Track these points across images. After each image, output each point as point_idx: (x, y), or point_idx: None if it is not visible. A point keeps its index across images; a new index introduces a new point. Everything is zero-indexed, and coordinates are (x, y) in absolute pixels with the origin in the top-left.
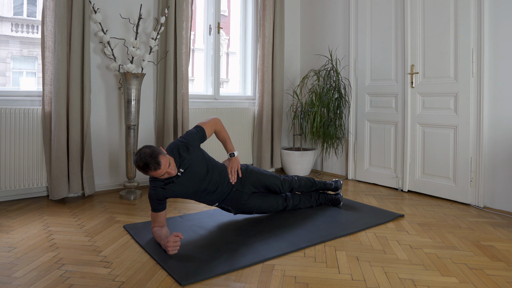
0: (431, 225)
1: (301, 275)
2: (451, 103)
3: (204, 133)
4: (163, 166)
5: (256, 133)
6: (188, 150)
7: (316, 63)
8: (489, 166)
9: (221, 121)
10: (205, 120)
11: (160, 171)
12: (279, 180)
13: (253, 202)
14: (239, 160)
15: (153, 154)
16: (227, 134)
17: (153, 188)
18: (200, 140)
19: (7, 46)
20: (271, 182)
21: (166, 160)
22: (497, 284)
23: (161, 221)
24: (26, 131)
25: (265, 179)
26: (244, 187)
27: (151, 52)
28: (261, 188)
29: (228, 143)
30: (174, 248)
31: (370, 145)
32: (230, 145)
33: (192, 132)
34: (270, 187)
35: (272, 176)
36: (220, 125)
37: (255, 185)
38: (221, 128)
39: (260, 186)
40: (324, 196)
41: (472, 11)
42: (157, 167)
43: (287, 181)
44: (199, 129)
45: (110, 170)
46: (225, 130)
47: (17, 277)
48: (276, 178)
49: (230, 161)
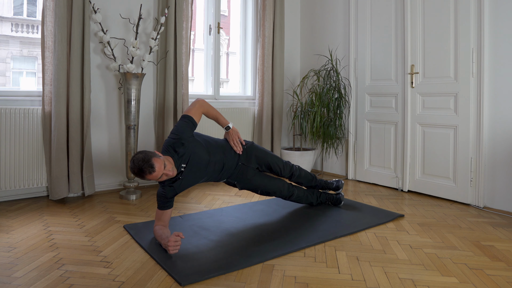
0: (431, 225)
1: (301, 275)
2: (451, 103)
3: (193, 120)
4: (158, 168)
5: (256, 133)
6: (183, 145)
7: (316, 63)
8: (489, 166)
9: (206, 101)
10: (190, 107)
11: (156, 174)
12: (282, 162)
13: (259, 179)
14: (236, 130)
15: (145, 158)
16: (216, 111)
17: (162, 187)
18: (191, 129)
19: (7, 46)
20: (273, 161)
21: (160, 162)
22: (497, 284)
23: (165, 220)
24: (26, 131)
25: (269, 157)
26: (250, 161)
27: (151, 52)
28: (263, 166)
29: (220, 119)
30: (175, 248)
31: (370, 145)
32: (223, 120)
33: (181, 124)
34: (272, 166)
35: (275, 156)
36: (206, 106)
37: (258, 161)
38: (208, 108)
39: (263, 163)
40: (325, 195)
41: (472, 11)
42: (151, 170)
43: (289, 166)
44: (187, 119)
45: (110, 170)
46: (213, 108)
47: (17, 277)
48: (279, 159)
49: (229, 134)
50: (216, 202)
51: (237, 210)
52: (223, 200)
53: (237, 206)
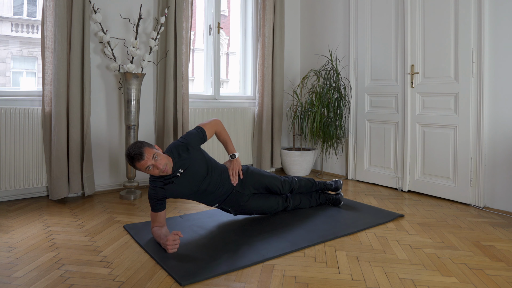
0: (431, 225)
1: (301, 275)
2: (451, 103)
3: (205, 134)
4: (146, 157)
5: (256, 133)
6: (188, 151)
7: (316, 63)
8: (489, 166)
9: (222, 122)
10: (206, 121)
11: (143, 162)
12: (280, 181)
13: (253, 203)
14: (240, 162)
15: (137, 145)
16: (228, 136)
17: (153, 188)
18: (200, 141)
19: (7, 46)
20: (272, 183)
21: (151, 152)
22: (497, 284)
23: (160, 221)
24: (26, 131)
25: (266, 180)
26: (245, 188)
27: (151, 52)
28: (261, 189)
29: (229, 145)
30: (174, 246)
31: (370, 145)
32: (231, 147)
33: (193, 133)
34: (271, 188)
35: (272, 177)
36: (221, 127)
37: (256, 186)
38: (222, 129)
39: (260, 187)
40: (325, 196)
41: (472, 11)
42: (140, 158)
43: (288, 182)
44: (200, 130)
45: (110, 170)
46: (226, 132)
47: (17, 277)
48: (276, 179)
49: (231, 162)
50: None
51: None
52: None
53: None
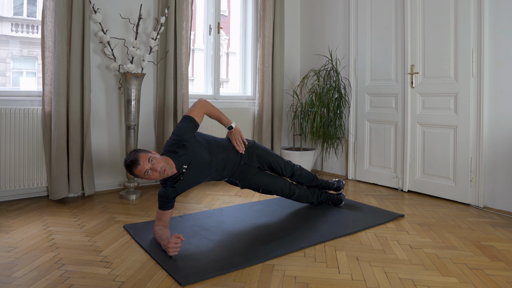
0: (431, 225)
1: (301, 275)
2: (451, 103)
3: (194, 121)
4: (142, 162)
5: (256, 133)
6: (184, 146)
7: (316, 63)
8: (489, 166)
9: (207, 101)
10: (192, 107)
11: (141, 168)
12: (283, 161)
13: (261, 178)
14: (239, 129)
15: (131, 153)
16: (219, 111)
17: (164, 188)
18: (192, 130)
19: (7, 46)
20: (275, 161)
21: (146, 157)
22: (497, 284)
23: (165, 220)
24: (26, 131)
25: (270, 156)
26: (251, 160)
27: (151, 52)
28: (265, 165)
29: (223, 119)
30: (175, 249)
31: (370, 145)
32: (226, 119)
33: (182, 125)
34: (273, 165)
35: (277, 155)
36: (209, 106)
37: (260, 160)
38: (210, 108)
39: (264, 162)
40: (326, 195)
41: (472, 11)
42: (136, 163)
43: (290, 165)
44: (189, 120)
45: (110, 170)
46: (215, 108)
47: (17, 277)
48: (280, 159)
49: (231, 133)
50: (216, 202)
51: (237, 210)
52: (223, 200)
53: (237, 206)
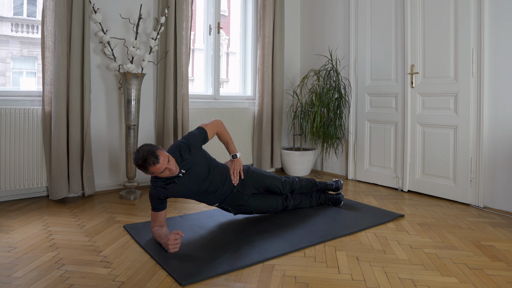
0: (431, 225)
1: (301, 275)
2: (451, 103)
3: (206, 134)
4: (162, 160)
5: (256, 133)
6: (190, 151)
7: (316, 63)
8: (489, 166)
9: (223, 123)
10: (207, 122)
11: (159, 166)
12: (280, 182)
13: (254, 202)
14: (241, 162)
15: (150, 149)
16: (229, 136)
17: (154, 188)
18: (202, 141)
19: (7, 46)
20: (272, 184)
21: (165, 155)
22: (497, 284)
23: (161, 221)
24: (26, 131)
25: (266, 180)
26: (245, 188)
27: (151, 52)
28: (261, 189)
29: (230, 145)
30: (175, 246)
31: (370, 145)
32: (233, 147)
33: (194, 133)
34: (271, 188)
35: (273, 177)
36: (222, 127)
37: (256, 186)
38: (223, 130)
39: (261, 187)
40: (325, 196)
41: (472, 11)
42: (155, 161)
43: (288, 183)
44: (201, 131)
45: (110, 170)
46: (227, 132)
47: (17, 277)
48: (277, 180)
49: (233, 162)
50: None
51: None
52: None
53: None
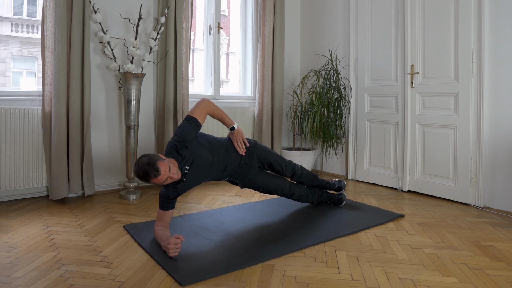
0: (431, 225)
1: (301, 275)
2: (451, 103)
3: (197, 121)
4: (163, 172)
5: (256, 133)
6: (186, 147)
7: (316, 63)
8: (489, 166)
9: (210, 101)
10: (195, 107)
11: (161, 177)
12: (284, 161)
13: (261, 178)
14: (241, 131)
15: (150, 162)
16: (221, 111)
17: (165, 188)
18: (195, 131)
19: (7, 46)
20: (276, 161)
21: (165, 165)
22: (497, 284)
23: (166, 220)
24: (26, 131)
25: (271, 156)
26: (252, 160)
27: (151, 52)
28: (265, 165)
29: (225, 119)
30: (175, 250)
31: (370, 145)
32: (228, 120)
33: (185, 126)
34: (274, 165)
35: (277, 155)
36: (212, 106)
37: (261, 160)
38: (213, 108)
39: (265, 162)
40: (327, 195)
41: (472, 11)
42: (156, 174)
43: (291, 165)
44: (191, 120)
45: (110, 170)
46: (218, 108)
47: (17, 277)
48: (281, 158)
49: (233, 134)
50: (216, 202)
51: (237, 210)
52: (223, 200)
53: (237, 206)
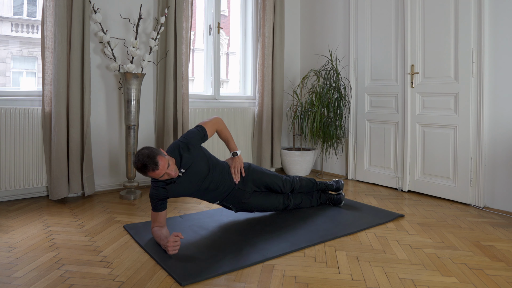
0: (431, 225)
1: (301, 275)
2: (451, 103)
3: (205, 132)
4: (161, 166)
5: (256, 133)
6: (189, 150)
7: (316, 63)
8: (489, 166)
9: (223, 120)
10: (207, 120)
11: (158, 172)
12: (281, 180)
13: (255, 200)
14: (242, 159)
15: (150, 155)
16: (229, 133)
17: (155, 188)
18: (201, 139)
19: (7, 46)
20: (273, 182)
21: (165, 160)
22: (497, 284)
23: (161, 221)
24: (26, 131)
25: (267, 178)
26: (246, 185)
27: (151, 52)
28: (262, 188)
29: (230, 142)
30: (174, 248)
31: (370, 145)
32: (233, 144)
33: (193, 131)
34: (272, 186)
35: (274, 175)
36: (222, 125)
37: (257, 184)
38: (223, 127)
39: (261, 185)
40: (326, 196)
41: (472, 11)
42: (155, 167)
43: (289, 181)
44: (200, 129)
45: (110, 170)
46: (227, 129)
47: (17, 277)
48: (277, 178)
49: (233, 160)
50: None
51: None
52: None
53: None
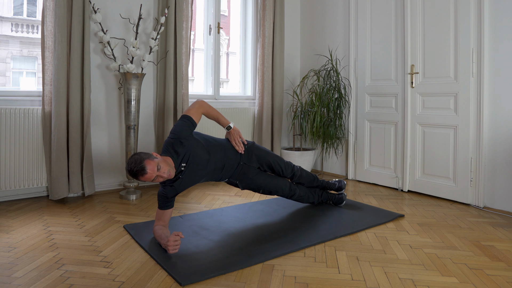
0: (431, 225)
1: (301, 275)
2: (451, 103)
3: (192, 120)
4: (150, 170)
5: (256, 133)
6: (182, 144)
7: (316, 63)
8: (489, 166)
9: (205, 102)
10: (190, 107)
11: (148, 176)
12: (283, 162)
13: (261, 178)
14: (238, 129)
15: (137, 160)
16: (217, 111)
17: (163, 187)
18: (190, 128)
19: (7, 46)
20: (275, 161)
21: (153, 164)
22: (497, 284)
23: (165, 220)
24: (26, 131)
25: (270, 157)
26: (251, 160)
27: (151, 52)
28: (264, 166)
29: (221, 119)
30: (175, 247)
31: (370, 145)
32: (224, 120)
33: (180, 124)
34: (273, 165)
35: (276, 156)
36: (206, 106)
37: (260, 160)
38: (208, 108)
39: (264, 162)
40: (327, 195)
41: (472, 11)
42: (143, 172)
43: (290, 166)
44: (186, 118)
45: (110, 170)
46: (213, 108)
47: (17, 277)
48: (280, 159)
49: (230, 133)
50: (216, 202)
51: (237, 210)
52: (223, 200)
53: (237, 206)
